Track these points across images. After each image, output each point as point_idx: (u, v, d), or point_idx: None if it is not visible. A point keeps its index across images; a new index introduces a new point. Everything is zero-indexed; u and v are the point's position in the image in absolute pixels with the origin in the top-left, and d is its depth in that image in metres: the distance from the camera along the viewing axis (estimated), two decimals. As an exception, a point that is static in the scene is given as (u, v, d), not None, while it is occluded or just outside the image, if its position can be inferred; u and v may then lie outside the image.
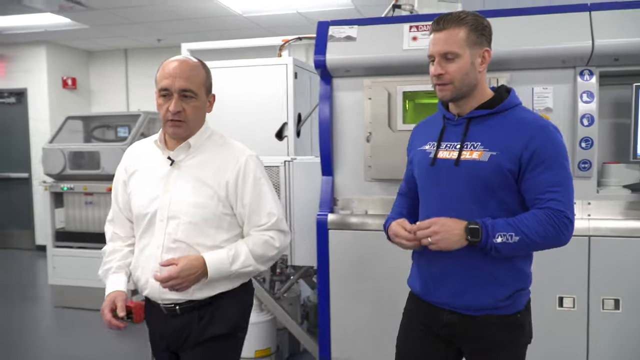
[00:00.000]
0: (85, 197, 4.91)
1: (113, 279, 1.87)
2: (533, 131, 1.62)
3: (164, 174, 1.84)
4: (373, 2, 5.44)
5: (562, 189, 1.61)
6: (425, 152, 1.79)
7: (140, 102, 7.89)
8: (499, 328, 1.69)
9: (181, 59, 1.81)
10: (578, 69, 2.55)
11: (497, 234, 1.57)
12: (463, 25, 1.63)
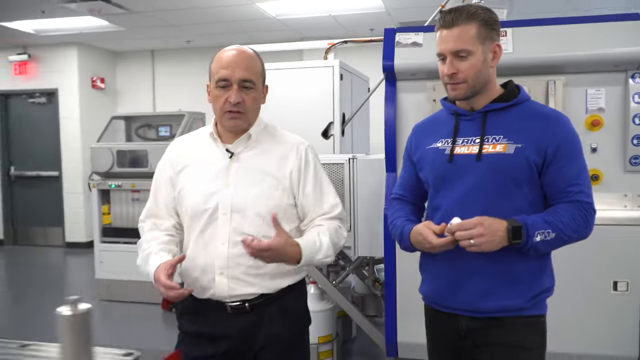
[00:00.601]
0: (132, 194, 5.11)
1: (155, 259, 1.71)
2: (556, 124, 1.62)
3: (223, 168, 1.77)
4: (404, 5, 5.67)
5: (584, 180, 1.62)
6: (438, 150, 1.71)
7: (166, 103, 8.11)
8: (527, 329, 1.64)
9: (239, 48, 1.77)
10: (629, 72, 2.77)
11: (536, 233, 1.53)
12: (474, 21, 1.58)
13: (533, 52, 2.78)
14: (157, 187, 1.88)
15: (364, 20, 6.27)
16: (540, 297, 1.65)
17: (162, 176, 1.86)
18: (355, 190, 3.21)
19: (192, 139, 1.91)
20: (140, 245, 1.83)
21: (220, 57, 1.74)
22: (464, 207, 1.61)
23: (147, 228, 1.86)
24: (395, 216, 1.84)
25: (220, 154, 1.79)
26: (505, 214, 1.56)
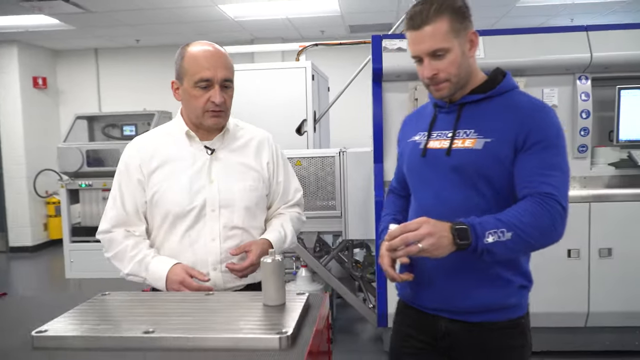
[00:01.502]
0: (102, 193, 5.17)
1: (158, 262, 1.69)
2: (528, 112, 1.47)
3: (203, 165, 1.74)
4: (358, 10, 6.08)
5: (557, 173, 1.43)
6: (415, 143, 1.64)
7: (113, 103, 8.06)
8: (506, 333, 1.53)
9: (213, 46, 1.73)
10: (577, 75, 3.32)
11: (486, 233, 1.33)
12: (444, 15, 1.44)
13: (500, 57, 3.25)
14: (121, 192, 1.75)
15: (317, 22, 6.63)
16: (517, 296, 1.53)
17: (130, 180, 1.74)
18: (345, 180, 3.57)
19: (158, 138, 1.81)
20: (123, 254, 1.71)
21: (196, 56, 1.68)
22: (435, 203, 1.55)
23: (120, 236, 1.73)
24: (385, 212, 1.81)
25: (197, 151, 1.75)
26: (477, 212, 1.44)
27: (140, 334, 1.05)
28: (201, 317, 1.16)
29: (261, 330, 1.06)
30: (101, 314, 1.22)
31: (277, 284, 1.21)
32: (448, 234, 1.32)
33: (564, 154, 1.46)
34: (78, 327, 1.10)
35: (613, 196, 3.30)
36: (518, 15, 6.72)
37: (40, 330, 1.08)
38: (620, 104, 3.32)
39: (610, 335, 3.39)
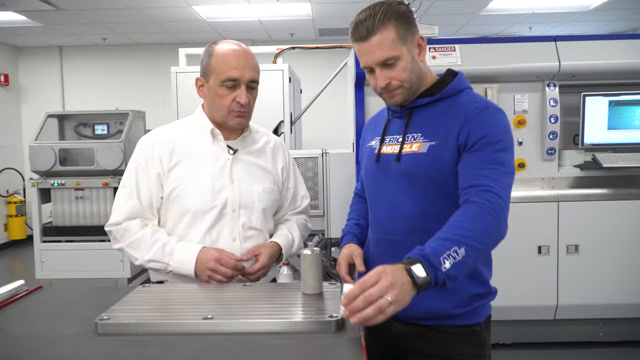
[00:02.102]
0: (75, 193, 5.11)
1: (185, 245, 1.68)
2: (470, 112, 1.44)
3: (224, 164, 1.74)
4: (330, 14, 6.22)
5: (496, 167, 1.37)
6: (371, 149, 1.64)
7: (77, 101, 7.92)
8: (456, 339, 1.48)
9: (241, 46, 1.72)
10: (546, 82, 3.54)
11: (441, 259, 1.18)
12: (389, 23, 1.42)
13: (476, 64, 3.44)
14: (137, 185, 1.71)
15: (288, 25, 6.73)
16: (470, 304, 1.47)
17: (148, 173, 1.70)
18: (328, 180, 3.68)
19: (179, 133, 1.78)
20: (140, 241, 1.68)
21: (225, 56, 1.67)
22: (388, 209, 1.54)
23: (136, 225, 1.70)
24: (349, 217, 1.80)
25: (220, 150, 1.75)
26: (430, 218, 1.44)
27: (200, 319, 1.13)
28: (251, 304, 1.25)
29: (312, 314, 1.16)
30: (151, 303, 1.29)
31: (317, 275, 1.31)
32: (407, 278, 1.12)
33: (506, 150, 1.41)
34: (137, 315, 1.17)
35: (579, 196, 3.54)
36: (480, 23, 7.01)
37: (102, 317, 1.14)
38: (585, 110, 3.57)
39: (577, 326, 3.63)
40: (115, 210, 1.73)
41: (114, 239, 1.74)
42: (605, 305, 3.55)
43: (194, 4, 5.64)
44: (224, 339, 1.08)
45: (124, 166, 5.01)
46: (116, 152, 5.00)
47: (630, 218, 3.50)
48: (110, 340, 1.09)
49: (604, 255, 3.51)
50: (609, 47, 3.49)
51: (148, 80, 7.84)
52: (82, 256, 5.11)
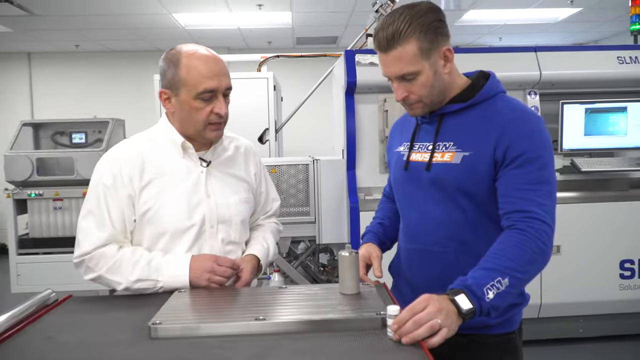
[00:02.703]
0: (53, 203, 5.01)
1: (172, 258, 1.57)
2: (507, 122, 1.38)
3: (198, 178, 1.63)
4: (309, 23, 6.30)
5: (540, 187, 1.34)
6: (400, 155, 1.60)
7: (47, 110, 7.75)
8: (492, 349, 1.46)
9: (210, 52, 1.59)
10: (527, 90, 3.70)
11: (485, 290, 1.20)
12: (411, 38, 1.36)
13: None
14: (108, 209, 1.56)
15: (266, 34, 6.77)
16: (509, 313, 1.45)
17: (118, 195, 1.56)
18: (319, 186, 3.73)
19: (144, 148, 1.63)
20: (121, 263, 1.54)
21: (196, 64, 1.53)
22: (419, 218, 1.52)
23: (112, 249, 1.56)
24: (375, 215, 1.80)
25: (192, 164, 1.64)
26: (461, 228, 1.44)
27: (252, 320, 1.16)
28: (294, 304, 1.29)
29: (358, 312, 1.21)
30: (195, 307, 1.32)
31: (355, 275, 1.36)
32: (452, 307, 1.16)
33: (548, 165, 1.37)
34: (186, 319, 1.20)
35: (560, 199, 3.65)
36: (453, 34, 7.16)
37: (155, 322, 1.16)
38: (563, 117, 3.73)
39: (559, 324, 3.78)
40: (84, 239, 1.56)
41: (86, 270, 1.56)
42: (584, 302, 3.71)
43: (174, 11, 5.63)
44: (280, 337, 1.11)
45: (105, 175, 4.94)
46: (96, 161, 4.91)
47: (607, 219, 3.68)
48: (168, 343, 1.11)
49: (583, 255, 3.67)
50: (585, 58, 3.68)
51: (123, 88, 7.74)
52: (61, 268, 4.99)
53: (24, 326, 1.25)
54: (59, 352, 1.10)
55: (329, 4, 5.50)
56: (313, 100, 4.46)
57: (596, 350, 3.69)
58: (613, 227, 3.67)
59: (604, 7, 5.99)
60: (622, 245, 3.69)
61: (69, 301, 1.47)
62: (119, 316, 1.32)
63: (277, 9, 5.64)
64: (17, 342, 1.16)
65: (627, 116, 3.69)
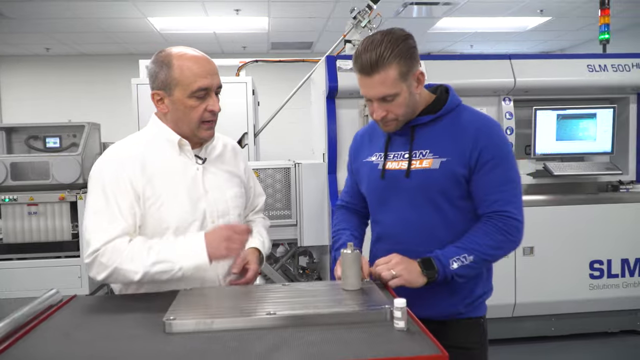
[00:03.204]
0: (28, 208, 4.92)
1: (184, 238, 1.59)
2: (478, 130, 1.58)
3: (195, 175, 1.68)
4: (285, 29, 6.36)
5: (509, 188, 1.57)
6: (372, 165, 1.72)
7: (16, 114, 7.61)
8: (466, 330, 1.67)
9: (198, 52, 1.65)
10: (502, 96, 3.83)
11: (450, 261, 1.50)
12: (393, 63, 1.49)
13: (438, 80, 3.63)
14: (118, 204, 1.57)
15: (242, 39, 6.80)
16: (477, 302, 1.69)
17: (126, 191, 1.58)
18: (300, 190, 3.79)
19: (141, 148, 1.66)
20: (133, 254, 1.52)
21: (189, 64, 1.58)
22: (398, 222, 1.66)
23: (124, 242, 1.54)
24: (341, 227, 1.86)
25: (188, 161, 1.68)
26: (438, 228, 1.61)
27: (264, 315, 1.21)
28: (302, 300, 1.33)
29: (365, 306, 1.27)
30: (205, 304, 1.35)
31: (357, 272, 1.42)
32: (416, 265, 1.49)
33: (513, 165, 1.60)
34: (198, 314, 1.24)
35: (533, 202, 3.83)
36: (426, 40, 7.39)
37: (169, 317, 1.20)
38: (536, 122, 3.88)
39: (531, 322, 3.91)
40: (94, 237, 1.53)
41: (99, 267, 1.52)
42: (556, 302, 3.85)
43: (150, 15, 5.61)
44: (292, 330, 1.16)
45: (81, 180, 4.89)
46: (73, 166, 4.87)
47: (578, 221, 3.83)
48: (183, 337, 1.14)
49: (555, 256, 3.81)
50: (557, 66, 3.83)
51: (96, 91, 7.66)
52: (36, 274, 4.91)
53: (37, 324, 1.27)
54: (80, 347, 1.12)
55: (306, 10, 5.57)
56: (289, 105, 4.52)
57: (567, 348, 3.83)
58: (583, 229, 3.83)
59: (573, 17, 6.23)
60: (592, 246, 3.85)
61: (75, 301, 1.48)
62: (128, 314, 1.34)
63: (254, 14, 5.68)
64: (34, 339, 1.18)
65: (596, 122, 3.86)
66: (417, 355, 1.01)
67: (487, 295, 1.76)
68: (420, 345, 1.07)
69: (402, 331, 1.15)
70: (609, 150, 3.90)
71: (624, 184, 3.94)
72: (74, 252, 4.88)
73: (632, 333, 4.02)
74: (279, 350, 1.07)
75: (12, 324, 1.25)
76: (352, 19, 3.99)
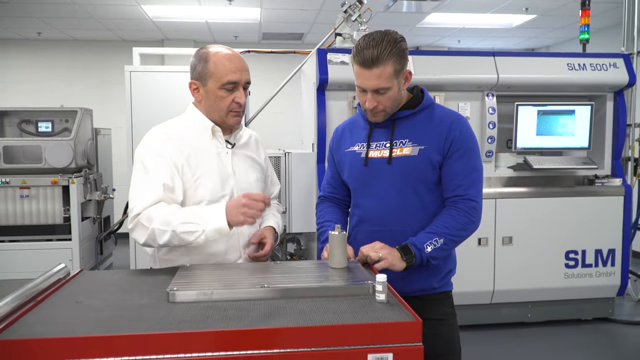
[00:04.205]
0: (20, 191, 4.99)
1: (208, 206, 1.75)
2: (451, 123, 1.80)
3: (224, 157, 1.88)
4: (276, 20, 6.44)
5: (472, 175, 1.79)
6: (355, 154, 1.90)
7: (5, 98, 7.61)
8: (439, 303, 1.88)
9: (233, 51, 1.85)
10: (485, 92, 3.98)
11: (424, 245, 1.70)
12: (390, 60, 1.69)
13: (426, 74, 3.80)
14: (159, 176, 1.75)
15: (234, 28, 6.87)
16: (446, 277, 1.90)
17: (170, 167, 1.77)
18: (290, 178, 3.91)
19: (179, 130, 1.87)
20: (169, 214, 1.68)
21: (223, 60, 1.79)
22: (380, 205, 1.85)
23: (163, 205, 1.73)
24: (326, 219, 2.01)
25: (219, 145, 1.88)
26: (416, 210, 1.81)
27: (258, 287, 1.34)
28: (292, 275, 1.46)
29: (350, 281, 1.40)
30: (204, 279, 1.47)
31: (344, 252, 1.55)
32: (396, 251, 1.68)
33: (478, 155, 1.84)
34: (198, 286, 1.36)
35: (513, 194, 4.00)
36: (415, 35, 7.50)
37: (172, 289, 1.32)
38: (518, 118, 4.03)
39: (509, 309, 4.10)
40: (137, 204, 1.71)
41: (140, 229, 1.70)
42: (533, 289, 4.03)
43: (143, 2, 5.67)
44: (284, 301, 1.29)
45: (73, 164, 4.97)
46: (66, 150, 4.95)
47: (554, 213, 4.01)
48: (186, 306, 1.27)
49: (533, 246, 3.99)
50: (539, 64, 3.99)
51: (86, 77, 7.68)
52: (28, 256, 5.00)
53: (49, 295, 1.38)
54: (92, 312, 1.24)
55: (298, 2, 5.65)
56: (278, 95, 4.62)
57: (542, 334, 4.02)
58: (560, 220, 4.01)
59: (557, 15, 6.38)
60: (568, 237, 4.03)
61: (82, 274, 1.60)
62: (133, 286, 1.46)
63: (246, 4, 5.76)
64: (49, 306, 1.29)
65: (575, 118, 4.02)
66: (395, 321, 1.15)
67: (453, 271, 1.95)
68: (398, 314, 1.20)
69: (383, 303, 1.28)
70: (586, 146, 4.07)
71: (600, 178, 4.11)
72: (65, 235, 4.98)
73: (605, 320, 4.22)
74: (272, 317, 1.19)
75: (26, 293, 1.37)
76: (342, 13, 4.09)
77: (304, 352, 1.10)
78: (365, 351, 1.11)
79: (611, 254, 4.08)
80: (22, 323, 1.18)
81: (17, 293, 1.36)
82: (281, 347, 1.10)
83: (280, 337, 1.10)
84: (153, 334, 1.08)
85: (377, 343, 1.11)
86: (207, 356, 1.07)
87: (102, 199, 5.34)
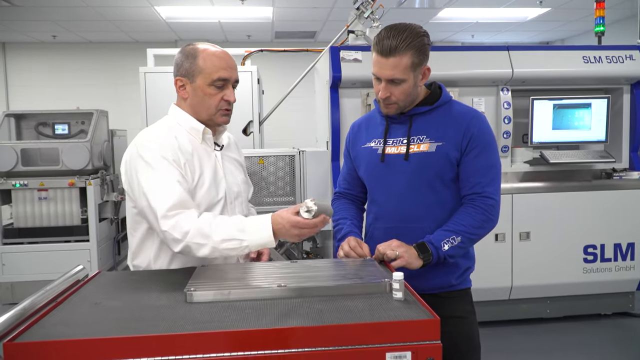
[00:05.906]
0: (38, 193, 5.06)
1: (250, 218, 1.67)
2: (470, 119, 1.78)
3: (214, 160, 1.82)
4: (289, 18, 6.44)
5: (490, 172, 1.77)
6: (372, 150, 1.89)
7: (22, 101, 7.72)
8: (458, 300, 1.85)
9: (221, 49, 1.79)
10: (500, 86, 3.94)
11: (441, 243, 1.69)
12: (409, 51, 1.68)
13: (442, 70, 3.77)
14: (176, 176, 1.67)
15: (246, 27, 6.89)
16: (464, 274, 1.87)
17: (177, 167, 1.70)
18: (305, 176, 3.91)
19: (172, 133, 1.77)
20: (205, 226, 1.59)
21: (212, 57, 1.73)
22: (397, 201, 1.83)
23: (194, 214, 1.63)
24: (342, 215, 1.99)
25: (208, 147, 1.81)
26: (432, 206, 1.80)
27: (276, 287, 1.34)
28: (308, 274, 1.47)
29: (367, 279, 1.40)
30: (221, 278, 1.48)
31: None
32: (413, 249, 1.68)
33: (496, 152, 1.82)
34: (215, 287, 1.37)
35: (529, 189, 3.96)
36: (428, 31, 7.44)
37: (189, 289, 1.33)
38: (533, 112, 3.99)
39: (527, 305, 4.06)
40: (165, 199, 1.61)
41: (173, 242, 1.61)
42: (551, 285, 3.99)
43: (156, 4, 5.71)
44: (302, 301, 1.29)
45: (90, 166, 5.02)
46: (83, 152, 5.00)
47: (572, 207, 3.96)
48: (204, 306, 1.27)
49: (550, 241, 3.95)
50: (554, 57, 3.94)
51: (101, 79, 7.76)
52: (46, 257, 5.06)
53: (68, 296, 1.40)
54: (111, 313, 1.25)
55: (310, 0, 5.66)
56: (292, 93, 4.63)
57: (561, 329, 3.98)
58: (578, 214, 3.96)
59: (571, 8, 6.30)
60: (586, 232, 3.98)
61: (100, 276, 1.61)
62: (150, 287, 1.47)
63: (259, 3, 5.77)
64: (68, 308, 1.31)
65: (591, 112, 3.97)
66: (413, 319, 1.14)
67: (472, 268, 1.92)
68: (416, 312, 1.20)
69: (400, 301, 1.28)
70: (603, 139, 4.01)
71: (617, 172, 4.05)
72: (83, 236, 5.04)
73: (625, 315, 4.17)
74: (289, 317, 1.19)
75: (45, 295, 1.38)
76: (355, 10, 4.08)
77: (322, 351, 1.10)
78: (383, 350, 1.11)
79: (630, 247, 4.02)
80: (42, 325, 1.19)
81: (37, 295, 1.38)
82: (299, 347, 1.10)
83: (297, 336, 1.10)
84: (172, 334, 1.09)
85: (395, 342, 1.11)
86: (224, 356, 1.08)
87: (119, 200, 5.40)
